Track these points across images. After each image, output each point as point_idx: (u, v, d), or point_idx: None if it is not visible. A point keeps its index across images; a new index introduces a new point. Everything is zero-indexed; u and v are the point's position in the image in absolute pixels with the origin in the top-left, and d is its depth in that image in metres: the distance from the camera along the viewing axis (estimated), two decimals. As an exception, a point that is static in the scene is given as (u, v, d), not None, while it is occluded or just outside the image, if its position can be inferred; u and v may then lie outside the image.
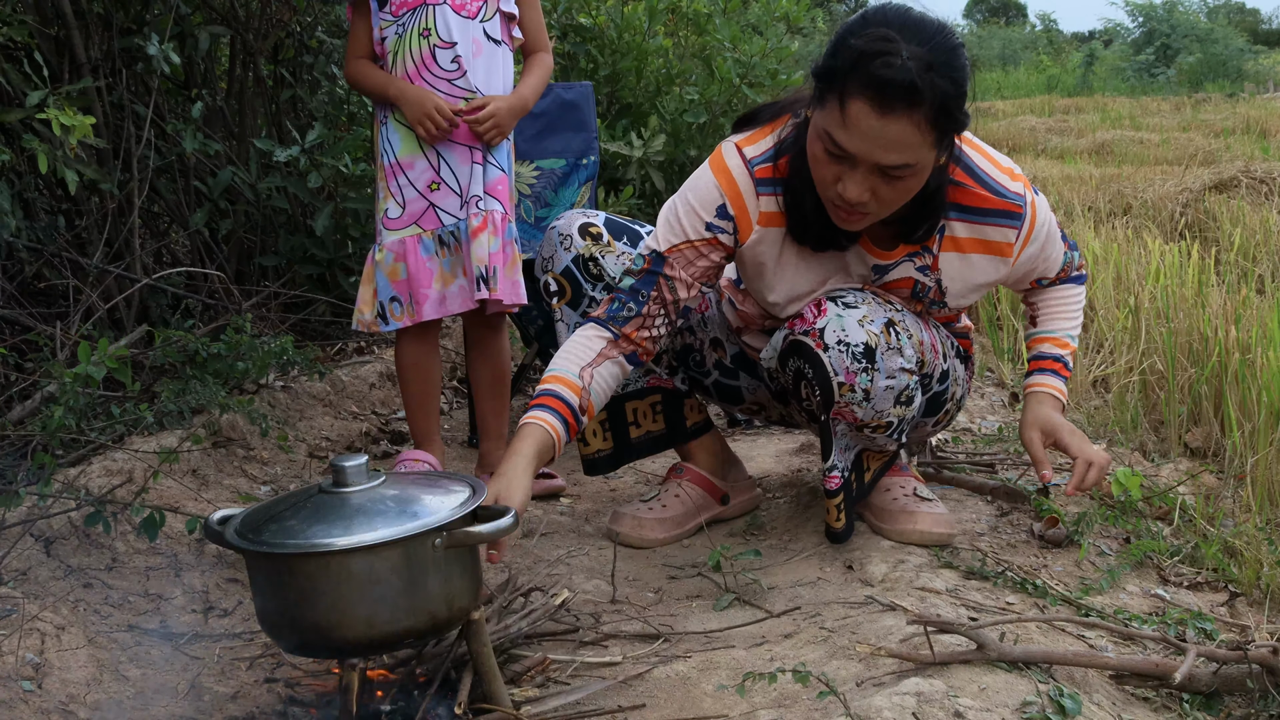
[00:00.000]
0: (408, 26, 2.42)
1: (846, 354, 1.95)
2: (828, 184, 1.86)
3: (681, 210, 2.03)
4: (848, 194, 1.82)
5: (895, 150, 1.75)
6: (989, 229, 2.02)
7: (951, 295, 2.10)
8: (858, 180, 1.80)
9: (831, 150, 1.81)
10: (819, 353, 1.96)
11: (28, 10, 2.92)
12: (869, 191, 1.81)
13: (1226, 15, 24.85)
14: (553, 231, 2.27)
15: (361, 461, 1.49)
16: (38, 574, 1.93)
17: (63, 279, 2.91)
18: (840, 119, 1.76)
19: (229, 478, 2.53)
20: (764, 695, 1.62)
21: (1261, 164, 6.88)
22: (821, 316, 1.98)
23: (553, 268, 2.26)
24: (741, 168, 2.00)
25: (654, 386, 2.34)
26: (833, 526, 2.15)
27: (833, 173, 1.83)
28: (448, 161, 2.45)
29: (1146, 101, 15.21)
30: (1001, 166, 2.03)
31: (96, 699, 1.66)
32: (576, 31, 5.02)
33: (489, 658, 1.56)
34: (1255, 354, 2.98)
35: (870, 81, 1.71)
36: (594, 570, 2.16)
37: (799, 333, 2.00)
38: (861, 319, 1.97)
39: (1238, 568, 2.21)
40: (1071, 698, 1.55)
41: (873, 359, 1.96)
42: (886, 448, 2.16)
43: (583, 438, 2.32)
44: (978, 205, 2.00)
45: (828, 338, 1.96)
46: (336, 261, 3.59)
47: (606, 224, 2.27)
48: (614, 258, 2.25)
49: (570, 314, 2.26)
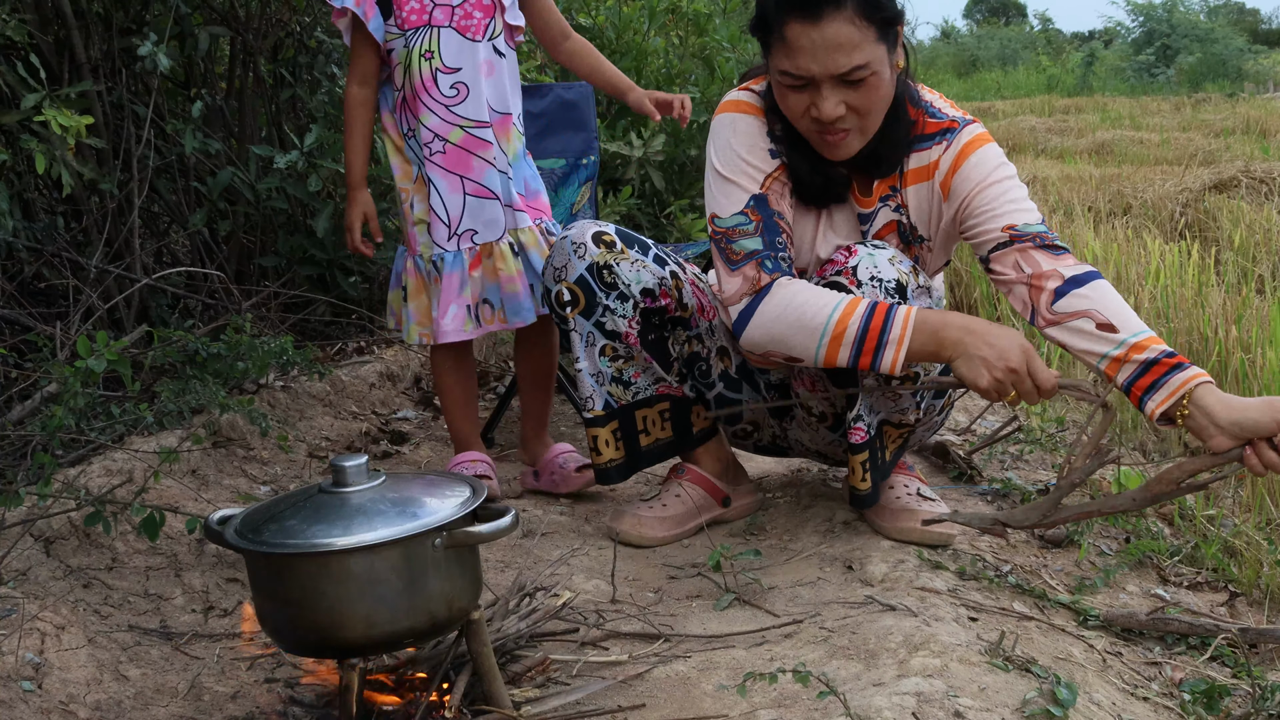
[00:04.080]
0: (411, 45, 2.40)
1: (880, 289, 1.97)
2: (802, 116, 1.95)
3: (741, 151, 2.07)
4: (823, 112, 1.90)
5: (843, 52, 1.85)
6: (926, 153, 2.07)
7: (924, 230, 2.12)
8: (825, 97, 1.89)
9: (793, 85, 1.91)
10: (853, 289, 1.97)
11: (27, 10, 2.92)
12: (841, 104, 1.90)
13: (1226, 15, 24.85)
14: (564, 240, 2.23)
15: (361, 461, 1.48)
16: (38, 574, 1.93)
17: (62, 279, 2.91)
18: (786, 49, 1.88)
19: (229, 478, 2.53)
20: (764, 695, 1.62)
21: (1261, 164, 6.88)
22: (853, 256, 2.00)
23: (566, 277, 2.22)
24: (758, 99, 2.09)
25: (663, 395, 2.33)
26: (857, 489, 2.12)
27: (802, 102, 1.93)
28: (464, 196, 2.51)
29: (1146, 101, 15.21)
30: (948, 101, 2.11)
31: (96, 699, 1.66)
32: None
33: (489, 658, 1.56)
34: (1255, 353, 2.98)
35: (791, 2, 1.85)
36: (594, 570, 2.16)
37: (832, 275, 2.02)
38: (891, 258, 2.00)
39: (1238, 568, 2.21)
40: (1068, 687, 1.55)
41: (904, 295, 1.98)
42: (905, 417, 2.16)
43: (595, 448, 2.31)
44: (922, 133, 2.07)
45: (860, 274, 1.98)
46: (336, 262, 3.59)
47: (617, 233, 2.26)
48: (628, 264, 2.21)
49: (583, 323, 2.23)
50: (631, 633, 1.88)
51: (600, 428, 2.28)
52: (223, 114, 3.58)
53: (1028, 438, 2.89)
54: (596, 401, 2.27)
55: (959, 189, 2.04)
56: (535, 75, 4.42)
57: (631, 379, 2.28)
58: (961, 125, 2.06)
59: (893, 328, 1.89)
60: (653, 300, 2.23)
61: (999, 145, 2.08)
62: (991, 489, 2.52)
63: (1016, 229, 1.97)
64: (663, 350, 2.28)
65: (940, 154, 2.06)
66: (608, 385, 2.27)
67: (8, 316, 2.73)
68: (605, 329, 2.23)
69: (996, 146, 2.07)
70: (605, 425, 2.28)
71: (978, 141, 2.05)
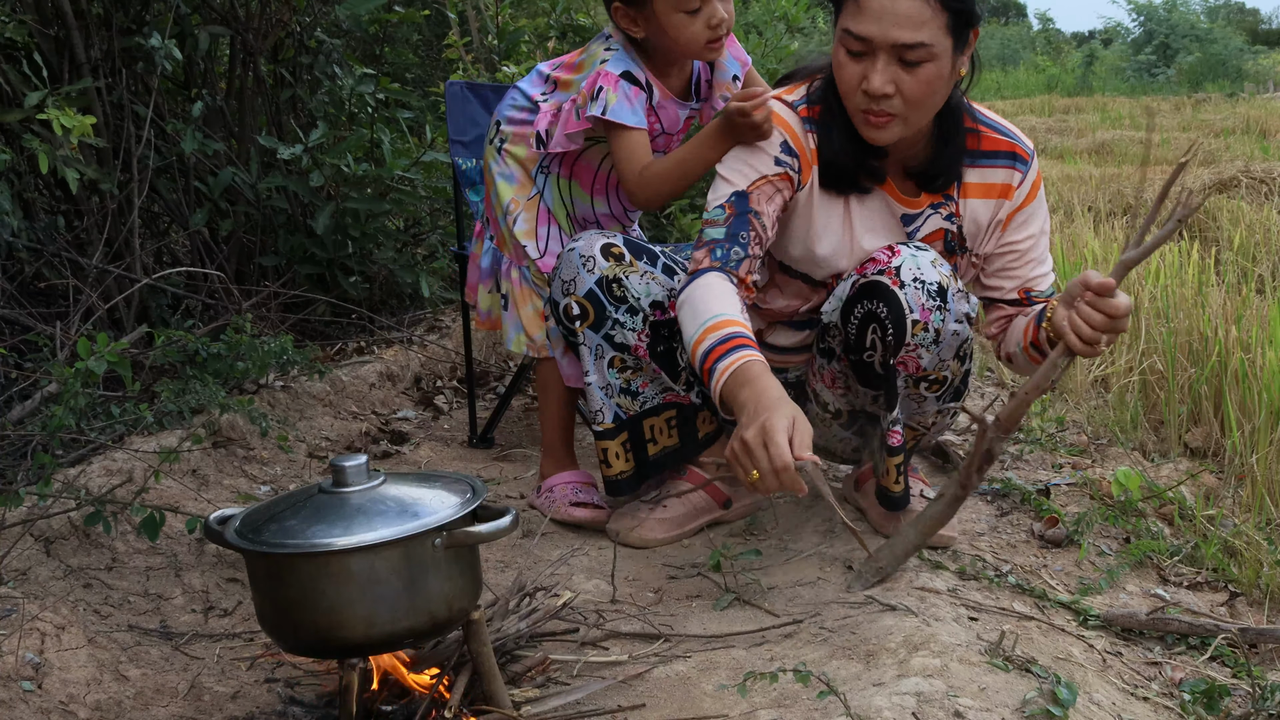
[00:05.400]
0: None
1: (922, 291, 1.96)
2: (853, 89, 1.94)
3: (746, 154, 2.08)
4: (872, 85, 1.89)
5: (908, 26, 1.85)
6: (992, 171, 2.08)
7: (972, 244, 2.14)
8: (879, 70, 1.89)
9: (852, 49, 1.91)
10: (895, 289, 1.96)
11: (28, 10, 2.92)
12: (891, 83, 1.89)
13: (1226, 15, 24.83)
14: (572, 253, 2.21)
15: (361, 461, 1.48)
16: (38, 574, 1.93)
17: (63, 279, 2.91)
18: (856, 8, 1.89)
19: (229, 478, 2.53)
20: (764, 695, 1.62)
21: (1261, 164, 6.88)
22: (896, 257, 2.00)
23: (575, 290, 2.20)
24: (787, 109, 2.08)
25: (670, 402, 2.32)
26: (891, 490, 2.11)
27: (857, 74, 1.92)
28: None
29: (1146, 101, 15.20)
30: (1012, 123, 2.14)
31: (96, 699, 1.66)
32: (576, 31, 5.01)
33: (489, 658, 1.56)
34: (1255, 353, 2.98)
35: None
36: (594, 570, 2.16)
37: (873, 273, 2.01)
38: (934, 260, 2.00)
39: (1238, 568, 2.21)
40: (1068, 687, 1.55)
41: (945, 299, 1.98)
42: (925, 421, 2.16)
43: (606, 460, 2.30)
44: (985, 148, 2.07)
45: (904, 275, 1.97)
46: (336, 261, 3.59)
47: (625, 244, 2.24)
48: (638, 277, 2.21)
49: (592, 336, 2.22)
50: (631, 633, 1.88)
51: (610, 440, 2.28)
52: (223, 114, 3.58)
53: (1028, 438, 2.89)
54: (606, 414, 2.26)
55: (1017, 226, 2.10)
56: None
57: (639, 389, 2.28)
58: (1031, 157, 2.09)
59: (717, 372, 1.87)
60: (662, 313, 2.22)
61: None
62: (991, 489, 2.52)
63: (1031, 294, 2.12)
64: (671, 361, 2.27)
65: (1016, 181, 2.08)
66: (616, 397, 2.26)
67: (8, 316, 2.73)
68: (614, 342, 2.22)
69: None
70: (615, 438, 2.28)
71: (1040, 180, 2.12)
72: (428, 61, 5.42)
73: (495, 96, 3.07)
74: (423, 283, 3.84)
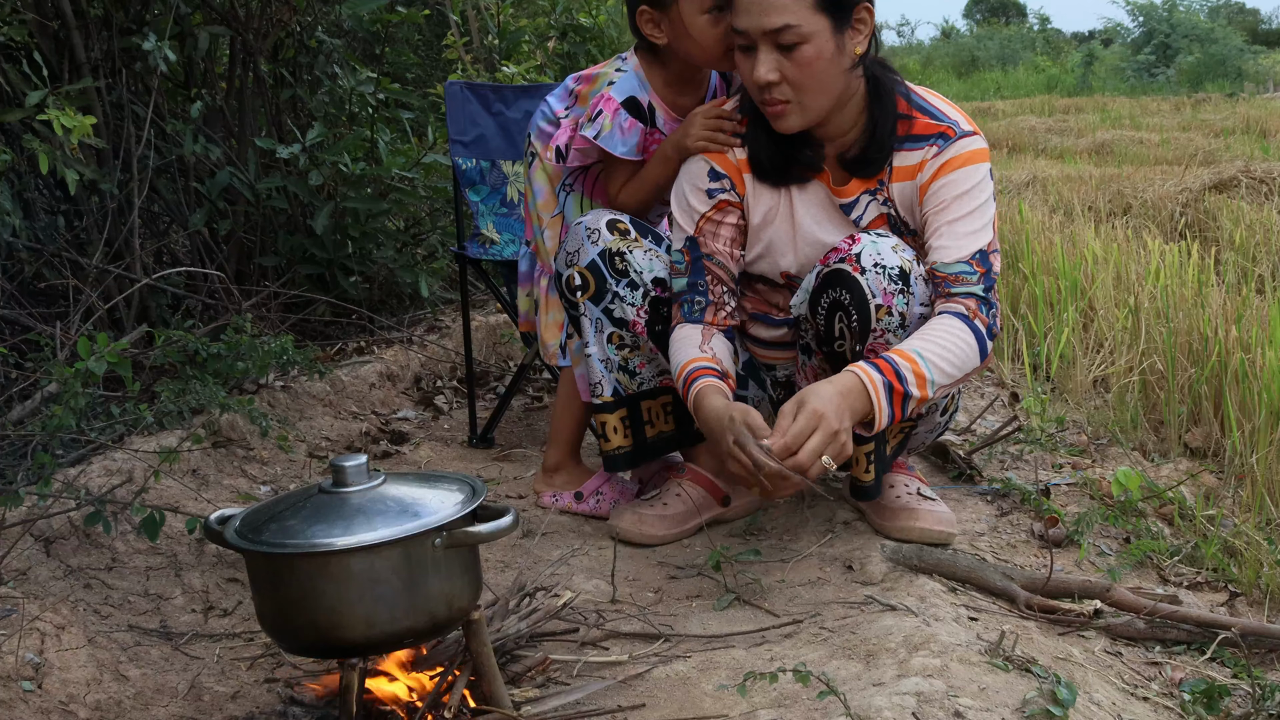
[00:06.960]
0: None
1: (883, 275, 1.98)
2: (750, 84, 2.02)
3: (686, 191, 2.20)
4: (757, 74, 1.97)
5: (772, 12, 1.93)
6: (915, 153, 2.08)
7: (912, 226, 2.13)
8: (762, 59, 1.97)
9: (740, 45, 2.01)
10: (856, 275, 1.98)
11: (28, 10, 2.92)
12: (775, 70, 1.97)
13: (1226, 15, 24.82)
14: (579, 227, 2.25)
15: (361, 461, 1.49)
16: (38, 574, 1.93)
17: (63, 279, 2.91)
18: (736, 6, 1.98)
19: (229, 478, 2.53)
20: (764, 695, 1.62)
21: (1261, 164, 6.88)
22: (856, 244, 2.01)
23: (578, 261, 2.24)
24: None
25: (666, 387, 2.34)
26: (860, 480, 2.13)
27: (748, 67, 2.00)
28: None
29: (1146, 101, 15.21)
30: (952, 105, 2.12)
31: (96, 699, 1.66)
32: (576, 31, 5.01)
33: (489, 658, 1.56)
34: (1255, 353, 2.98)
35: None
36: (594, 570, 2.16)
37: (835, 262, 2.03)
38: (894, 246, 2.01)
39: (1238, 567, 2.21)
40: (1068, 687, 1.55)
41: (908, 282, 1.98)
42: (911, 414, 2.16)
43: (604, 434, 2.32)
44: (916, 133, 2.08)
45: (864, 261, 1.99)
46: (336, 261, 3.59)
47: (632, 222, 2.27)
48: (641, 253, 2.24)
49: (593, 309, 2.24)
50: (631, 633, 1.88)
51: (609, 414, 2.30)
52: (223, 114, 3.58)
53: (1028, 438, 2.89)
54: (605, 387, 2.29)
55: (927, 202, 2.05)
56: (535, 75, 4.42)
57: (637, 369, 2.30)
58: (958, 135, 2.04)
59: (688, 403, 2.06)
60: (664, 289, 2.24)
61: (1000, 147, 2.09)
62: (991, 489, 2.52)
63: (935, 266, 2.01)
64: (668, 342, 2.28)
65: (929, 158, 2.05)
66: (615, 373, 2.29)
67: (8, 316, 2.73)
68: (613, 316, 2.24)
69: (984, 169, 2.04)
70: (614, 412, 2.30)
71: (965, 159, 2.03)
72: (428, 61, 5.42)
73: (495, 96, 3.08)
74: (422, 283, 3.84)
